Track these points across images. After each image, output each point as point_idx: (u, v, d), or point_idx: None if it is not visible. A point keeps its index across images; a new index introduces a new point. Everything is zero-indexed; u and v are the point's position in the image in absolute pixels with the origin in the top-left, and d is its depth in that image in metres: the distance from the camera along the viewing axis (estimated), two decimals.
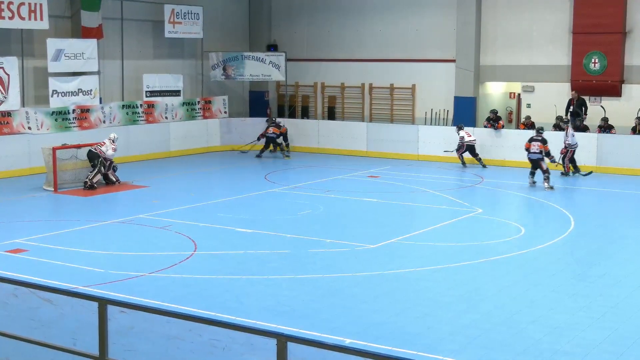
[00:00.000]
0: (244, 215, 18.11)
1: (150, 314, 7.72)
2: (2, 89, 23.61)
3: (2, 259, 14.02)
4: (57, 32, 25.71)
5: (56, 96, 25.17)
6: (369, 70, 30.65)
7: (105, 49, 27.12)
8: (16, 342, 8.33)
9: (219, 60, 30.87)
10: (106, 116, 26.77)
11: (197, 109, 30.08)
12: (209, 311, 10.82)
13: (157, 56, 29.48)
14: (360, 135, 28.82)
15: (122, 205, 19.86)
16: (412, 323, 11.03)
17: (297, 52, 31.88)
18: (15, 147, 23.68)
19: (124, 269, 13.52)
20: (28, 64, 24.92)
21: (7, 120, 23.88)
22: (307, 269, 13.78)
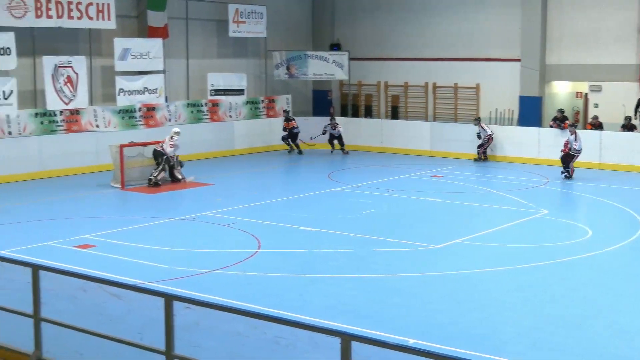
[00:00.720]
0: (308, 214, 18.16)
1: (216, 310, 7.76)
2: (70, 88, 24.08)
3: (71, 254, 14.29)
4: (124, 31, 26.11)
5: (123, 94, 25.56)
6: (433, 69, 30.45)
7: (171, 48, 27.45)
8: (85, 336, 8.46)
9: (283, 59, 31.00)
10: (171, 114, 27.10)
11: (260, 107, 30.26)
12: (273, 309, 10.86)
13: (222, 55, 29.73)
14: (424, 135, 28.67)
15: (187, 202, 20.08)
16: (477, 324, 10.93)
17: (361, 51, 31.84)
18: (84, 145, 24.14)
19: (189, 265, 13.67)
20: (96, 63, 25.36)
21: (76, 118, 24.35)
22: (371, 268, 13.75)
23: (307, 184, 22.45)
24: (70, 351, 8.72)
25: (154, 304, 7.87)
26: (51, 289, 8.91)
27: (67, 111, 24.12)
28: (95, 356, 8.57)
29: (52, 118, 23.80)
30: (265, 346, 8.69)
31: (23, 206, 19.02)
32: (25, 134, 23.14)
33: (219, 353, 8.53)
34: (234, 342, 8.97)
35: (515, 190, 21.48)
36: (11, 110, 22.71)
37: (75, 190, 21.14)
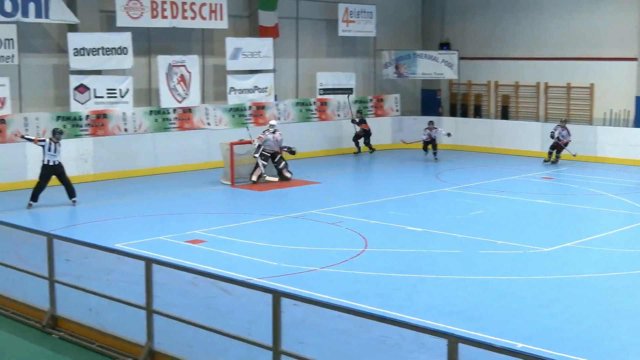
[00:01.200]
0: (415, 214, 18.08)
1: (322, 308, 7.81)
2: (184, 86, 24.66)
3: (182, 249, 14.62)
4: (235, 31, 26.57)
5: (234, 93, 26.01)
6: (545, 68, 29.82)
7: (281, 47, 27.76)
8: (195, 329, 8.66)
9: (392, 58, 30.95)
10: (281, 113, 27.42)
11: (369, 107, 30.28)
12: (379, 308, 10.86)
13: (331, 54, 29.90)
14: (535, 135, 28.12)
15: (295, 200, 20.27)
16: (588, 330, 10.66)
17: (470, 50, 31.47)
18: (195, 142, 24.68)
19: (296, 262, 13.80)
20: (208, 62, 25.88)
21: (188, 116, 24.91)
22: (478, 270, 13.59)
23: (414, 183, 22.34)
24: (181, 343, 8.92)
25: (262, 300, 7.99)
26: (163, 282, 9.16)
27: (180, 109, 24.72)
28: (205, 349, 8.75)
29: (165, 116, 24.43)
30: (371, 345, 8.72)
31: (137, 201, 19.59)
32: (140, 131, 23.82)
33: (324, 350, 8.58)
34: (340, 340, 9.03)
35: (629, 194, 20.84)
36: (127, 108, 23.43)
37: (186, 186, 21.63)
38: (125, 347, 9.17)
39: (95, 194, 20.23)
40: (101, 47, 22.74)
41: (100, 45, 22.73)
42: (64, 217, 17.90)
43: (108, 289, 10.04)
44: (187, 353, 8.73)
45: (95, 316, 9.83)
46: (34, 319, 10.28)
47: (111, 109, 23.14)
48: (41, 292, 10.30)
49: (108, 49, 22.89)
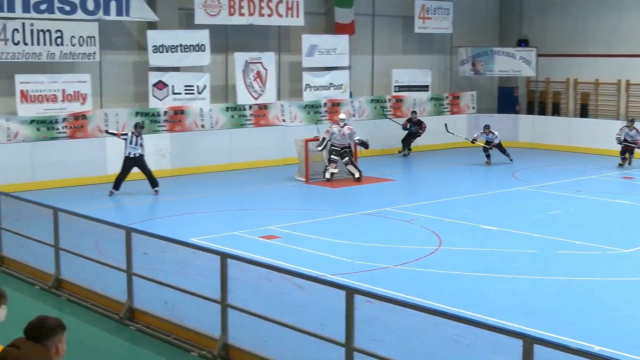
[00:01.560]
0: (490, 212, 17.87)
1: (396, 306, 7.79)
2: (260, 83, 24.84)
3: (257, 245, 14.74)
4: (311, 28, 26.65)
5: (309, 90, 26.10)
6: (626, 65, 29.09)
7: (356, 44, 27.74)
8: (268, 324, 8.72)
9: (468, 55, 30.64)
10: (355, 110, 27.41)
11: (445, 104, 30.06)
12: (453, 307, 10.77)
13: (406, 51, 29.75)
14: (615, 134, 27.47)
15: (369, 197, 20.23)
16: None
17: (549, 47, 30.91)
18: (271, 138, 24.83)
19: (369, 259, 13.78)
20: (284, 59, 26.02)
21: (264, 112, 25.10)
22: (555, 270, 13.36)
23: (490, 182, 22.09)
24: (254, 338, 8.99)
25: (335, 296, 8.00)
26: (237, 277, 9.25)
27: (256, 105, 24.91)
28: (278, 344, 8.81)
29: (241, 112, 24.65)
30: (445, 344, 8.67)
31: (212, 196, 19.82)
32: (217, 127, 24.09)
33: (397, 348, 8.55)
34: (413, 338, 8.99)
35: None
36: (204, 105, 23.73)
37: (261, 182, 21.79)
38: (200, 340, 9.30)
39: (172, 189, 20.54)
40: (179, 45, 23.07)
41: (178, 42, 23.05)
42: (142, 212, 18.24)
43: (184, 283, 10.19)
44: (260, 347, 8.80)
45: (171, 309, 9.99)
46: (112, 311, 10.51)
47: (188, 105, 23.46)
48: (119, 284, 10.52)
49: (186, 46, 23.21)
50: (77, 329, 9.93)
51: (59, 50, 21.01)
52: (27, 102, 20.63)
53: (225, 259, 8.98)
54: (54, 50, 20.91)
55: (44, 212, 11.99)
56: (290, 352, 8.63)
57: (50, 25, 20.79)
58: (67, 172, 20.80)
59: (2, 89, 20.74)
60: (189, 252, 10.35)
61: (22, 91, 20.51)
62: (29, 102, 20.67)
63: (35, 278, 12.08)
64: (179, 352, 9.25)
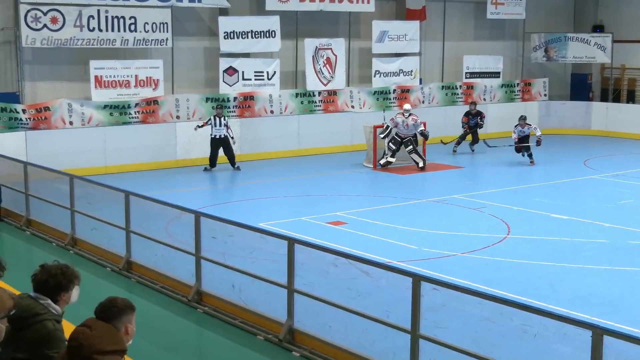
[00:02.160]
0: (560, 201, 17.59)
1: (463, 293, 7.75)
2: (329, 69, 24.85)
3: (324, 230, 14.79)
4: (382, 14, 26.52)
5: (378, 76, 26.02)
6: None
7: (427, 30, 27.52)
8: (334, 309, 8.75)
9: (541, 41, 30.13)
10: (425, 97, 27.23)
11: (516, 91, 29.65)
12: (520, 296, 10.65)
13: (478, 37, 29.39)
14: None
15: (437, 184, 20.10)
16: None
17: (625, 32, 30.19)
18: (339, 125, 24.85)
19: (436, 247, 13.71)
20: (354, 45, 25.97)
21: (333, 98, 25.11)
22: (626, 260, 13.10)
23: (561, 170, 21.71)
24: (320, 323, 9.03)
25: (402, 283, 7.98)
26: (304, 262, 9.29)
27: (325, 92, 24.94)
28: (343, 330, 8.82)
29: (311, 98, 24.71)
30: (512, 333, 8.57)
31: (281, 182, 19.94)
32: (286, 113, 24.20)
33: (463, 336, 8.49)
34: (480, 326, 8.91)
35: None
36: (274, 90, 23.84)
37: (329, 168, 21.83)
38: (266, 324, 9.37)
39: (241, 174, 20.74)
40: (250, 31, 23.20)
41: (249, 28, 23.19)
42: (211, 196, 18.46)
43: (251, 267, 10.28)
44: (326, 333, 8.84)
45: (238, 293, 10.09)
46: (181, 293, 10.66)
47: (258, 91, 23.60)
48: (188, 267, 10.67)
49: (257, 32, 23.33)
50: (146, 310, 10.13)
51: (133, 36, 21.34)
52: (101, 87, 21.02)
53: (292, 244, 9.03)
54: (127, 36, 21.25)
55: (115, 195, 12.22)
56: (356, 338, 8.64)
57: (124, 12, 21.13)
58: (138, 156, 21.15)
59: (78, 74, 21.18)
60: (257, 237, 10.43)
61: (96, 77, 20.91)
62: (103, 88, 21.06)
63: (107, 260, 12.33)
64: (245, 335, 9.34)
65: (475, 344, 7.75)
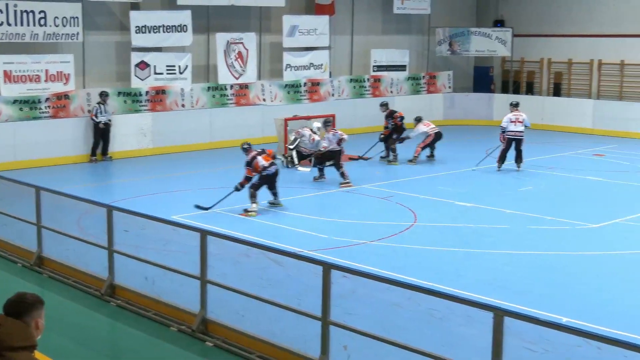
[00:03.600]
0: (464, 189, 17.93)
1: (372, 280, 7.83)
2: (241, 63, 24.73)
3: (235, 221, 14.74)
4: (292, 9, 26.50)
5: (289, 70, 26.02)
6: (599, 45, 29.18)
7: (336, 24, 27.64)
8: (246, 299, 8.73)
9: (445, 35, 30.61)
10: (335, 89, 27.36)
11: (421, 83, 30.06)
12: (428, 281, 10.83)
13: (385, 32, 29.67)
14: (587, 113, 27.64)
15: None
16: (633, 306, 10.49)
17: (524, 27, 30.93)
18: (251, 118, 24.77)
19: (346, 236, 13.80)
20: (265, 39, 25.89)
21: (245, 92, 25.00)
22: (526, 245, 13.44)
23: (465, 159, 22.10)
24: (233, 313, 9.00)
25: (313, 272, 8.02)
26: (217, 253, 9.24)
27: (237, 85, 24.81)
28: (255, 318, 8.82)
29: (223, 92, 24.54)
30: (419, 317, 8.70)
31: (193, 175, 19.76)
32: (198, 106, 23.98)
33: (372, 322, 8.58)
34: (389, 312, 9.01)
35: None
36: (185, 84, 23.59)
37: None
38: (180, 315, 9.30)
39: (153, 168, 20.47)
40: (162, 25, 22.89)
41: (161, 23, 22.87)
42: (123, 190, 18.15)
43: (164, 259, 10.17)
44: (238, 322, 8.82)
45: (151, 285, 9.98)
46: (94, 287, 10.49)
47: (170, 85, 23.32)
48: (100, 261, 10.49)
49: (168, 26, 23.03)
50: (58, 305, 9.93)
51: (43, 30, 20.79)
52: (11, 82, 20.43)
53: (205, 235, 8.98)
54: (37, 30, 20.69)
55: (26, 190, 11.92)
56: (268, 326, 8.65)
57: (33, 6, 20.56)
58: (49, 151, 20.64)
59: None
60: (170, 230, 10.33)
61: (5, 71, 20.30)
62: (12, 82, 20.46)
63: (18, 256, 12.02)
64: (159, 327, 9.25)
65: (384, 329, 7.83)
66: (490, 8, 32.06)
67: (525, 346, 7.12)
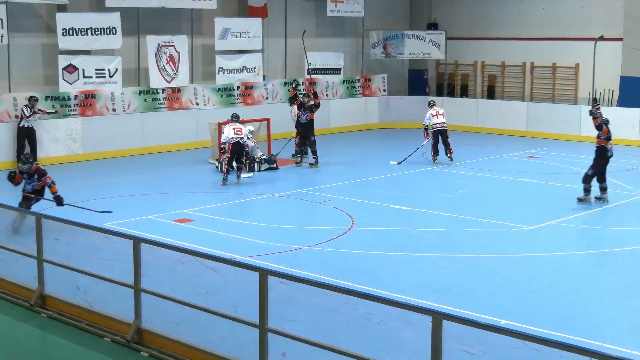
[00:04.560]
0: (401, 193, 18.08)
1: (309, 285, 7.85)
2: (172, 66, 24.53)
3: (170, 228, 14.61)
4: (224, 11, 26.42)
5: (222, 73, 25.91)
6: (531, 48, 29.77)
7: (270, 27, 27.64)
8: (182, 307, 8.66)
9: (380, 38, 30.85)
10: (269, 93, 27.35)
11: (356, 86, 30.24)
12: (365, 286, 10.87)
13: (319, 35, 29.75)
14: (520, 115, 28.15)
15: (283, 179, 20.20)
16: (569, 307, 10.73)
17: (458, 30, 31.39)
18: (184, 122, 24.60)
19: (283, 241, 13.80)
20: (197, 42, 25.74)
21: (177, 96, 24.81)
22: (463, 248, 13.63)
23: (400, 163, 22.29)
24: (168, 321, 8.93)
25: (249, 278, 7.99)
26: (151, 261, 9.15)
27: (169, 89, 24.61)
28: (191, 327, 8.76)
29: (154, 96, 24.32)
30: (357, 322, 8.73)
31: (125, 180, 19.53)
32: (129, 111, 23.72)
33: (310, 327, 8.59)
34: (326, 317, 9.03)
35: (613, 173, 20.85)
36: (116, 88, 23.31)
37: (174, 166, 21.57)
38: (113, 325, 9.18)
39: (84, 174, 20.17)
40: (90, 27, 22.57)
41: (89, 25, 22.55)
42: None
43: (96, 268, 10.02)
44: (174, 331, 8.75)
45: (83, 295, 9.83)
46: (23, 298, 10.28)
47: (100, 89, 23.01)
48: (30, 271, 10.29)
49: (97, 29, 22.73)
50: None
51: None
52: None
53: (138, 243, 8.89)
54: None
55: None
56: (205, 335, 8.60)
57: None
58: None
59: None
60: (102, 237, 10.18)
61: None
62: None
63: None
64: (92, 338, 9.12)
65: (322, 335, 7.85)
66: (424, 11, 32.44)
67: (464, 349, 7.21)
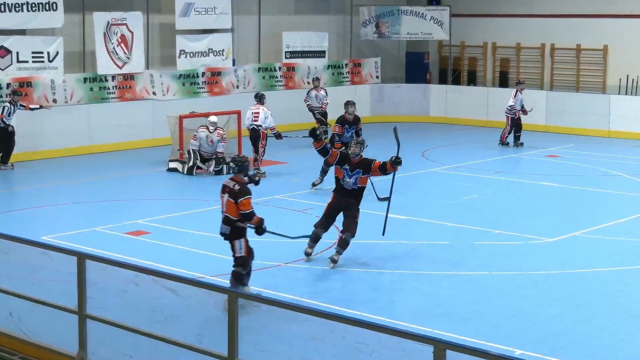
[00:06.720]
0: (397, 199, 18.05)
1: (287, 310, 7.84)
2: (124, 49, 24.50)
3: (121, 242, 14.59)
4: None
5: (184, 57, 25.91)
6: (551, 27, 29.93)
7: (240, 3, 27.65)
8: (135, 336, 8.63)
9: (371, 15, 30.92)
10: (240, 80, 27.35)
11: (344, 73, 30.29)
12: (354, 310, 10.90)
13: (299, 11, 29.80)
14: (539, 107, 28.23)
15: None
16: (598, 333, 10.77)
17: (464, 6, 31.48)
18: (138, 115, 24.58)
19: (257, 257, 13.72)
20: (153, 20, 25.72)
21: (130, 84, 24.78)
22: (471, 264, 13.67)
23: None
24: (119, 353, 8.91)
25: (216, 301, 7.99)
26: (98, 281, 9.12)
27: (120, 76, 24.58)
28: (148, 359, 8.74)
29: (103, 84, 24.28)
30: (345, 352, 8.73)
31: (67, 186, 19.50)
32: (72, 102, 23.67)
33: (289, 359, 8.60)
34: (308, 348, 9.03)
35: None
36: (56, 75, 23.25)
37: (127, 167, 21.53)
38: (54, 358, 9.14)
39: (17, 178, 20.12)
40: (25, 2, 22.51)
41: (24, 0, 22.50)
42: None
43: (32, 290, 9.97)
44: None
45: (17, 322, 9.77)
46: None
47: (37, 76, 22.96)
48: None
49: (34, 4, 22.66)
50: None
51: None
52: None
53: (82, 259, 8.85)
54: None
55: None
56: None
57: None
58: None
59: None
60: (39, 253, 10.14)
61: None
62: None
63: None
64: None
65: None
66: None
67: None
